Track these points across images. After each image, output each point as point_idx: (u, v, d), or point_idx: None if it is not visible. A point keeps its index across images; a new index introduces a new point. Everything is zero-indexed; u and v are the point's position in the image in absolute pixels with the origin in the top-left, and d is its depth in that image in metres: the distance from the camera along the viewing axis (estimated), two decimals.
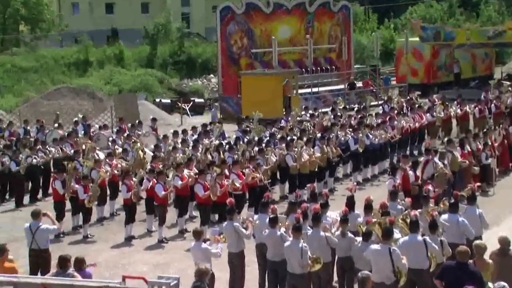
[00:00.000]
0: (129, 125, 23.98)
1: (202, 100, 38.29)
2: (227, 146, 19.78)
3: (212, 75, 43.28)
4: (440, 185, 15.80)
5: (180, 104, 34.58)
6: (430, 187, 13.78)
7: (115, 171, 18.53)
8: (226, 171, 16.66)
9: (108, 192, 18.48)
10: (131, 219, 16.42)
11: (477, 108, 25.79)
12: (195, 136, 21.51)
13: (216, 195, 15.70)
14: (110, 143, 21.72)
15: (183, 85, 41.69)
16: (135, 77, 40.10)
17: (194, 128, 22.57)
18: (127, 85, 38.95)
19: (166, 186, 16.22)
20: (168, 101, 37.15)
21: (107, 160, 18.76)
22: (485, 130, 21.52)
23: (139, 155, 19.58)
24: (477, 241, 10.64)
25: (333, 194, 19.12)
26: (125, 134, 22.37)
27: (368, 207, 12.44)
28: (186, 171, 16.84)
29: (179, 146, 20.06)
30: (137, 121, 24.65)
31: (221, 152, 19.32)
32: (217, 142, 20.73)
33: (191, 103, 36.45)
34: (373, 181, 20.95)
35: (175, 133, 21.71)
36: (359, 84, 37.21)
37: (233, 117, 29.96)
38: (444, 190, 15.91)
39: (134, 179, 16.61)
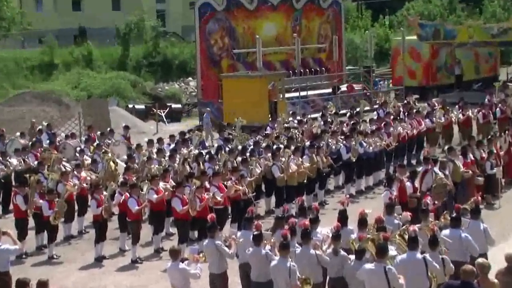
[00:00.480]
0: (99, 133, 23.90)
1: (179, 105, 38.28)
2: (207, 156, 19.78)
3: (190, 78, 43.26)
4: (439, 197, 15.87)
5: (155, 110, 34.53)
6: (428, 199, 13.83)
7: (84, 184, 18.45)
8: (207, 184, 16.63)
9: (76, 208, 18.39)
10: (101, 237, 16.34)
11: (480, 112, 25.94)
12: (172, 145, 21.51)
13: (196, 210, 15.67)
14: (78, 154, 21.64)
15: (159, 89, 41.66)
16: (105, 80, 39.99)
17: (171, 137, 22.58)
18: (97, 89, 38.84)
19: (140, 201, 16.17)
20: (142, 106, 37.10)
21: (75, 172, 18.67)
22: (489, 136, 21.61)
23: (110, 167, 19.50)
24: (480, 260, 10.64)
25: (324, 208, 19.14)
26: (95, 144, 22.31)
27: (362, 222, 12.45)
28: (162, 184, 16.81)
29: (155, 156, 20.04)
30: (108, 129, 24.59)
31: (200, 163, 19.31)
32: (196, 151, 20.73)
33: (168, 109, 36.41)
34: (368, 194, 21.01)
35: (150, 142, 21.66)
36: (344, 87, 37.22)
37: (214, 124, 29.95)
38: (444, 202, 15.99)
39: (104, 193, 16.53)
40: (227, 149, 20.74)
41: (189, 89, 42.34)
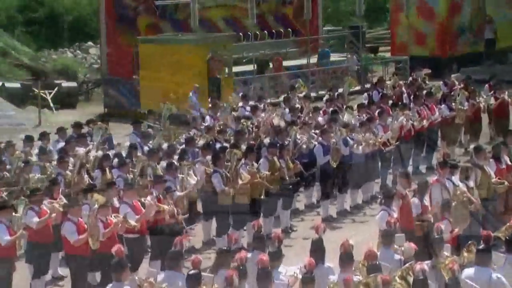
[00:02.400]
0: None
1: (74, 84, 38.03)
2: (116, 160, 19.72)
3: (90, 43, 43.05)
4: (460, 221, 15.99)
5: (37, 91, 34.27)
6: (443, 224, 13.94)
7: None
8: (115, 201, 16.60)
9: None
10: None
11: None
12: (62, 144, 21.37)
13: (98, 241, 15.57)
14: None
15: (42, 59, 41.36)
16: None
17: (60, 131, 22.44)
18: None
19: (12, 228, 16.02)
20: (17, 85, 36.79)
21: None
22: None
23: None
24: None
25: (290, 236, 19.19)
26: None
27: (346, 257, 12.52)
28: (47, 202, 16.69)
29: (36, 160, 19.94)
30: None
31: (106, 170, 19.24)
32: (99, 153, 20.63)
33: (56, 89, 36.15)
34: (355, 215, 21.12)
35: (29, 140, 21.53)
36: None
37: (126, 112, 29.86)
38: (468, 228, 16.12)
39: None
40: (145, 149, 20.71)
41: (89, 60, 42.13)
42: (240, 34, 35.48)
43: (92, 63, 41.62)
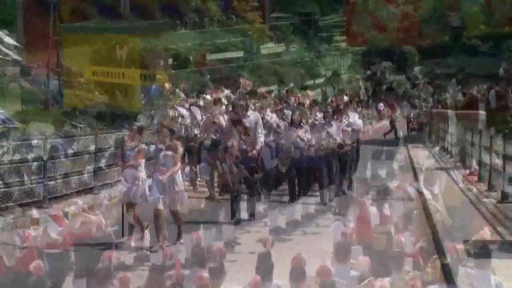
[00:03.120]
0: None
1: None
2: (35, 166, 19.62)
3: (5, 31, 42.77)
4: (425, 232, 16.11)
5: None
6: (404, 236, 14.03)
7: None
8: (34, 212, 16.50)
9: None
10: None
11: (493, 91, 26.39)
12: None
13: (13, 257, 15.51)
14: None
15: None
16: None
17: None
18: None
19: None
20: None
21: None
22: (506, 130, 22.04)
23: None
24: None
25: (234, 250, 19.23)
26: None
27: (297, 274, 12.58)
28: None
29: None
30: None
31: (25, 176, 19.14)
32: (16, 157, 20.54)
33: None
34: (307, 226, 21.17)
35: None
36: None
37: (47, 111, 29.71)
38: (432, 240, 16.25)
39: None
40: (70, 152, 20.66)
41: (4, 51, 41.84)
42: (178, 21, 35.41)
43: (7, 54, 41.33)
